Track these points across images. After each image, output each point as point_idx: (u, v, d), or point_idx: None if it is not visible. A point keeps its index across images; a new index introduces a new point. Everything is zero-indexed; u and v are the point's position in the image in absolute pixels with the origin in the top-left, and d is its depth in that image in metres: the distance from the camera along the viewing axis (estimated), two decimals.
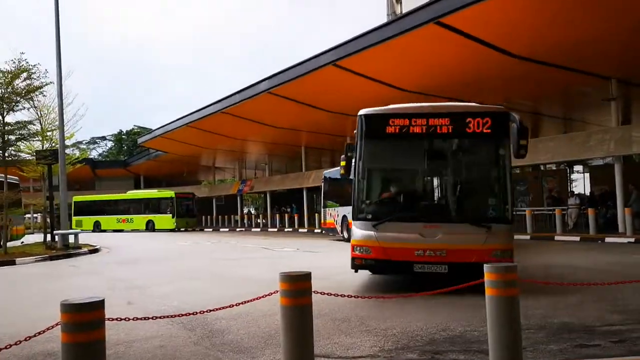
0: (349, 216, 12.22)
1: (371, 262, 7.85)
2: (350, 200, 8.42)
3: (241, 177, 48.82)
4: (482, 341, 4.82)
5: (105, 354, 3.17)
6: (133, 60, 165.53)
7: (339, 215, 20.59)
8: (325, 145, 32.43)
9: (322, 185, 23.85)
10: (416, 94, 18.57)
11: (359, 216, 8.04)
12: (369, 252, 7.79)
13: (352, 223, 8.18)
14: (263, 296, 4.60)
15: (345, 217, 19.30)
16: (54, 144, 20.03)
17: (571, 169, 31.16)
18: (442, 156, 8.31)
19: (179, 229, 37.28)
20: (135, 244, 24.25)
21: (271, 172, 42.78)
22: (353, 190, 8.16)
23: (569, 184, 30.40)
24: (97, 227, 39.87)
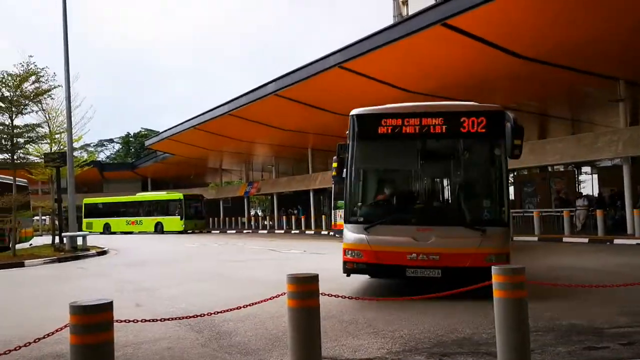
0: None
1: (363, 266, 7.65)
2: None
3: (248, 179, 48.94)
4: (491, 343, 4.80)
5: (114, 356, 3.19)
6: (133, 60, 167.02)
7: None
8: (332, 147, 31.67)
9: (332, 186, 23.78)
10: (423, 96, 18.53)
11: (351, 219, 7.85)
12: (360, 256, 7.59)
13: (344, 226, 7.95)
14: (270, 298, 4.60)
15: None
16: (62, 147, 20.14)
17: (579, 170, 30.94)
18: (435, 157, 8.09)
19: (187, 231, 37.37)
20: (143, 245, 24.34)
21: (278, 174, 42.79)
22: (345, 192, 7.98)
23: (577, 185, 30.23)
24: (107, 229, 40.08)
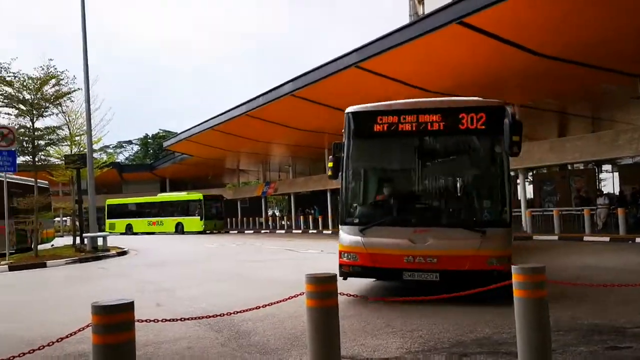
0: None
1: (358, 269, 7.40)
2: None
3: (265, 179, 49.06)
4: (511, 343, 4.76)
5: (135, 355, 3.23)
6: (132, 59, 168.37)
7: None
8: None
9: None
10: (439, 94, 18.44)
11: (347, 220, 7.63)
12: (356, 258, 7.35)
13: (340, 228, 7.76)
14: (289, 298, 4.62)
15: None
16: (82, 149, 20.39)
17: (599, 168, 30.52)
18: (433, 155, 7.82)
19: (206, 231, 37.53)
20: (162, 246, 24.56)
21: (295, 174, 42.85)
22: (340, 192, 7.79)
23: (597, 183, 29.81)
24: (129, 230, 40.50)
